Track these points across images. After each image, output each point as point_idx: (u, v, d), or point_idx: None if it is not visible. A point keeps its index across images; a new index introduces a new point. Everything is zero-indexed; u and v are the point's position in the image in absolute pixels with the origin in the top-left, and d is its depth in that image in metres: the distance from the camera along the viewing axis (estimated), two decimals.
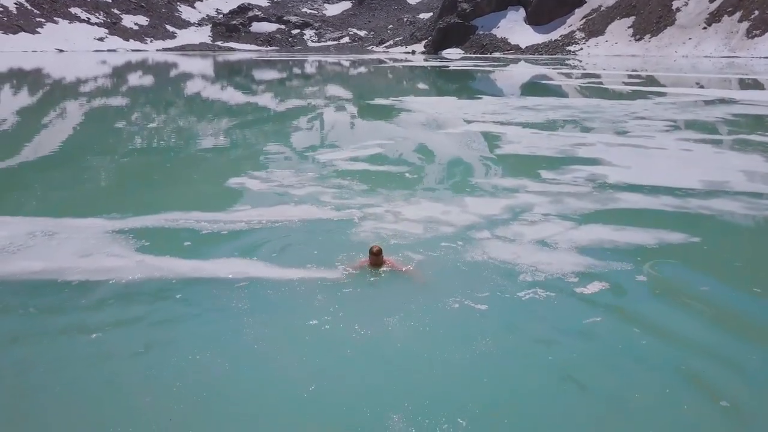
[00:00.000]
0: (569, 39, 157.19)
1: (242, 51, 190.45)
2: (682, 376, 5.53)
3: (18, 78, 58.26)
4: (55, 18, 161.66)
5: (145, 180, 14.38)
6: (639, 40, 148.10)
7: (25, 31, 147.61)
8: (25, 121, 25.81)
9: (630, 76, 58.72)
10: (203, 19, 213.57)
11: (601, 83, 48.96)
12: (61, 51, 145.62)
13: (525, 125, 22.00)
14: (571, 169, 14.21)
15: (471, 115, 25.26)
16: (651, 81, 51.43)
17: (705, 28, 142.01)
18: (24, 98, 37.12)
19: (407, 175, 14.09)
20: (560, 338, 6.18)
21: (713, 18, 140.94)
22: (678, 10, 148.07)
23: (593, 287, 7.41)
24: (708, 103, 31.06)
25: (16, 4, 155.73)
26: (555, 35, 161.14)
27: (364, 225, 9.79)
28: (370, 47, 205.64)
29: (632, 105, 29.47)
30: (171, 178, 14.47)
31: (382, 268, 7.71)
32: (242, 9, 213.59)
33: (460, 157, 16.66)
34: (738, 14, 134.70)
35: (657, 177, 13.33)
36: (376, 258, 7.65)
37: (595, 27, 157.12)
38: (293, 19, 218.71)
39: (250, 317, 6.57)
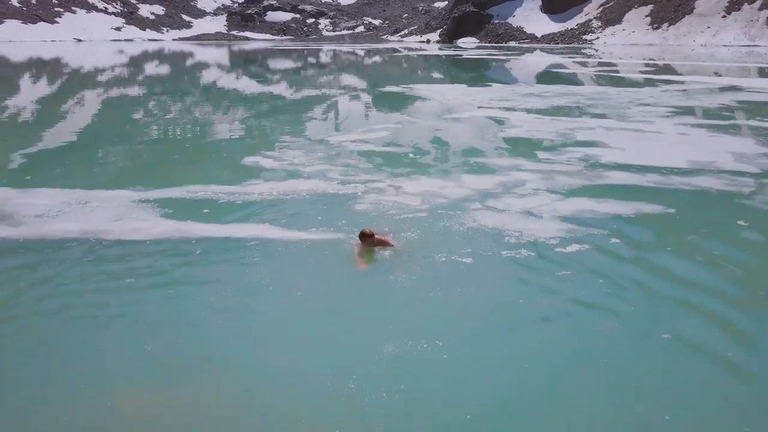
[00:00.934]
0: (586, 28, 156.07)
1: (257, 40, 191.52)
2: (640, 321, 6.41)
3: (39, 67, 59.82)
4: (72, 7, 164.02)
5: (167, 158, 15.45)
6: (657, 28, 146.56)
7: (44, 21, 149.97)
8: (52, 106, 27.04)
9: (646, 65, 58.76)
10: (218, 8, 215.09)
11: (613, 71, 49.20)
12: (79, 41, 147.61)
13: (529, 111, 22.74)
14: (566, 150, 15.01)
15: (478, 102, 26.01)
16: (666, 69, 51.55)
17: (724, 16, 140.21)
18: (49, 86, 38.47)
19: (410, 155, 14.98)
20: (537, 290, 7.08)
21: (732, 6, 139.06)
22: None
23: (571, 248, 8.25)
24: (717, 90, 31.43)
25: None
26: (571, 24, 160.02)
27: (367, 197, 10.71)
28: (384, 36, 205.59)
29: (639, 92, 30.00)
30: (190, 157, 15.49)
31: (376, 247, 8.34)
32: None
33: (462, 139, 17.50)
34: (758, 2, 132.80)
35: (647, 157, 14.07)
36: (369, 239, 7.92)
37: (612, 15, 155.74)
38: (308, 8, 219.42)
39: (259, 268, 7.55)
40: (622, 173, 12.63)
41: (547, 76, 46.70)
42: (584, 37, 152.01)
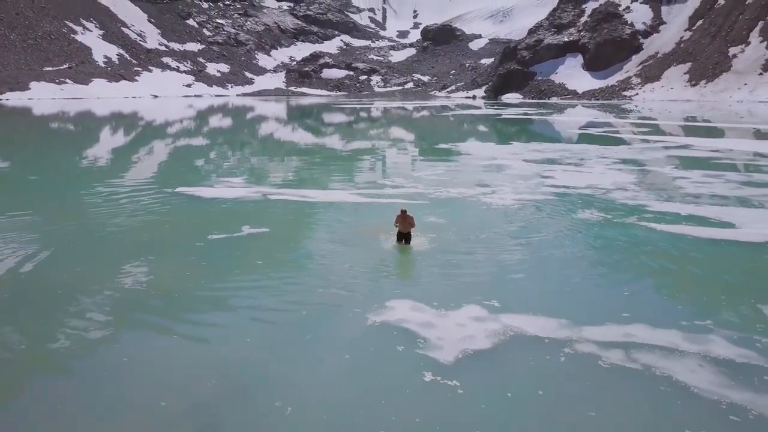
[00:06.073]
0: (626, 84, 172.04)
1: (313, 96, 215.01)
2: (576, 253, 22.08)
3: (119, 120, 79.20)
4: (150, 67, 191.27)
5: (318, 177, 31.82)
6: (694, 85, 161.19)
7: (126, 79, 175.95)
8: (190, 145, 44.28)
9: (684, 124, 73.46)
10: (278, 66, 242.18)
11: (622, 132, 64.33)
12: (155, 96, 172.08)
13: (526, 160, 38.52)
14: (531, 178, 30.64)
15: (496, 154, 42.04)
16: (692, 130, 66.28)
17: (761, 74, 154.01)
18: (163, 131, 56.49)
19: (446, 179, 30.89)
20: (501, 215, 22.74)
21: None
22: (734, 56, 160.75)
23: (513, 205, 23.81)
24: (672, 148, 46.47)
25: (117, 55, 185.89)
26: (612, 81, 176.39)
27: (422, 193, 26.62)
28: (433, 92, 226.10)
29: (611, 149, 45.42)
30: (327, 179, 31.79)
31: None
32: (314, 56, 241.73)
33: (474, 172, 33.37)
34: None
35: (568, 182, 29.53)
36: (404, 215, 17.72)
37: (651, 72, 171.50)
38: (361, 65, 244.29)
39: (361, 209, 23.49)
40: (550, 187, 28.19)
41: (560, 136, 62.53)
42: (624, 93, 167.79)
